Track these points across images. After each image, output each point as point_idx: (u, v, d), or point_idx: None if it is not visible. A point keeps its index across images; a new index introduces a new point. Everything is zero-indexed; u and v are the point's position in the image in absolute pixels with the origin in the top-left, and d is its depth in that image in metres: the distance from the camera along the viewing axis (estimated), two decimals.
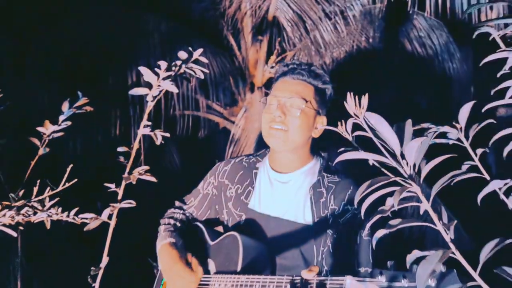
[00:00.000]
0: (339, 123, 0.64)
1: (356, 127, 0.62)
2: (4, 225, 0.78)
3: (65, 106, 1.18)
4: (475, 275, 0.54)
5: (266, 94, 3.63)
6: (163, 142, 1.19)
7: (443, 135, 0.65)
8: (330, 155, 1.49)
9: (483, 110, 0.69)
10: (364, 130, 0.60)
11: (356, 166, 1.28)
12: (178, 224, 1.51)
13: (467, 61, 4.50)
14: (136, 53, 3.18)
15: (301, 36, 3.89)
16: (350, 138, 0.62)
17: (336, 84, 1.45)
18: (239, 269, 1.24)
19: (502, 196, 0.66)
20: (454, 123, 0.63)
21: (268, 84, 4.00)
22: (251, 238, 1.31)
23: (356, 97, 0.62)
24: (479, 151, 0.63)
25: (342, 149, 0.63)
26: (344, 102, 0.63)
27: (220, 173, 1.53)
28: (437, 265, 0.54)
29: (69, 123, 1.18)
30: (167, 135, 1.17)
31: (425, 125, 0.63)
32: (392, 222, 0.58)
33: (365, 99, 0.61)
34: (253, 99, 3.66)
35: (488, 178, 0.63)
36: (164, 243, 1.41)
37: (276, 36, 3.95)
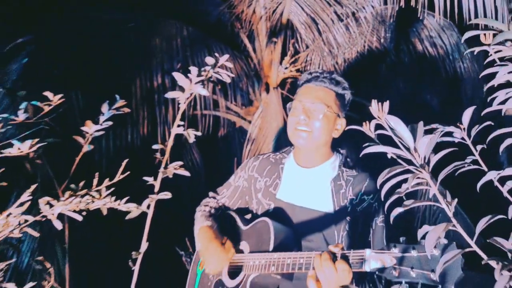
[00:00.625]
0: (364, 123, 0.78)
1: (376, 126, 0.75)
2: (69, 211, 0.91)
3: (104, 107, 1.29)
4: (471, 243, 0.67)
5: (281, 95, 3.74)
6: (195, 140, 1.30)
7: (450, 134, 0.78)
8: (348, 152, 1.66)
9: (482, 114, 0.82)
10: (384, 129, 0.73)
11: (370, 162, 1.42)
12: (213, 211, 1.69)
13: (478, 61, 4.55)
14: (161, 57, 3.34)
15: (314, 38, 3.99)
16: (373, 136, 0.76)
17: (348, 83, 1.61)
18: (271, 249, 1.40)
19: (496, 183, 0.78)
20: (458, 124, 0.76)
21: (283, 85, 4.12)
22: (280, 223, 1.47)
23: (379, 103, 0.74)
24: (479, 147, 0.76)
25: (366, 144, 0.76)
26: (370, 107, 0.76)
27: (250, 167, 1.71)
28: (441, 234, 0.67)
29: (110, 123, 1.30)
30: (199, 133, 1.29)
31: (434, 125, 0.76)
32: (407, 202, 0.71)
33: (386, 105, 0.74)
34: (269, 99, 3.78)
35: (486, 170, 0.75)
36: (201, 226, 1.60)
37: (290, 38, 4.06)
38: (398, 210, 0.72)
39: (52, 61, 2.91)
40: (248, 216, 1.64)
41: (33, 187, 0.88)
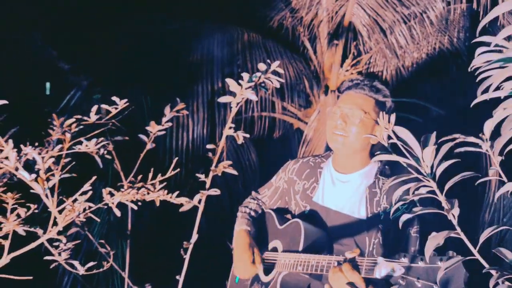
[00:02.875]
0: (378, 132, 0.81)
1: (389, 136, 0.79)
2: (127, 201, 1.05)
3: (167, 110, 1.43)
4: (474, 251, 0.69)
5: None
6: (244, 142, 1.41)
7: (473, 144, 0.79)
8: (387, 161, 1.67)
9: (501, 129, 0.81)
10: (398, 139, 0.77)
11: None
12: (253, 213, 1.79)
13: None
14: (222, 61, 3.51)
15: (377, 40, 3.92)
16: (386, 144, 0.79)
17: (415, 87, 1.60)
18: (300, 249, 1.48)
19: None
20: (480, 134, 0.77)
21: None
22: (312, 225, 1.54)
23: (386, 116, 0.78)
24: (498, 158, 0.76)
25: (378, 152, 0.80)
26: (377, 119, 0.80)
27: (290, 170, 1.78)
28: (441, 240, 0.69)
29: (170, 124, 1.44)
30: (247, 135, 1.38)
31: (456, 135, 0.78)
32: (415, 209, 0.74)
33: (393, 117, 0.77)
34: (327, 102, 3.78)
35: (506, 180, 0.75)
36: (240, 229, 1.71)
37: (352, 40, 4.02)
38: (406, 216, 0.75)
39: (124, 69, 3.19)
40: (286, 216, 1.72)
41: (94, 178, 1.02)
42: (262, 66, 1.37)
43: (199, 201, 1.29)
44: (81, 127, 1.08)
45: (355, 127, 1.55)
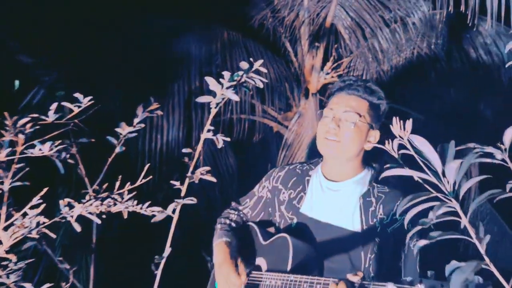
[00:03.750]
0: (386, 142, 0.71)
1: (402, 145, 0.69)
2: (90, 213, 0.92)
3: (139, 110, 1.32)
4: (507, 286, 0.59)
5: (321, 101, 3.67)
6: (223, 145, 1.30)
7: (489, 155, 0.70)
8: (381, 167, 1.56)
9: None
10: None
11: (403, 177, 1.33)
12: (233, 224, 1.63)
13: None
14: (200, 61, 3.38)
15: (359, 43, 3.88)
16: (396, 156, 0.69)
17: (394, 92, 1.51)
18: (289, 268, 1.34)
19: None
20: (499, 144, 0.68)
21: (323, 91, 4.03)
22: (301, 240, 1.40)
23: (400, 121, 0.68)
24: None
25: (387, 165, 0.70)
26: (390, 125, 0.70)
27: (275, 178, 1.63)
28: (470, 274, 0.60)
29: (142, 125, 1.32)
30: (228, 139, 1.28)
31: (471, 145, 0.69)
32: (433, 233, 0.64)
33: (409, 123, 0.67)
34: (307, 105, 3.72)
35: None
36: (220, 241, 1.54)
37: (333, 42, 3.97)
38: (423, 242, 0.65)
39: (94, 65, 3.01)
40: (270, 230, 1.58)
41: (45, 190, 0.89)
42: (244, 65, 1.29)
43: (173, 211, 1.20)
44: (37, 127, 0.94)
45: (349, 131, 1.44)
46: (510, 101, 4.39)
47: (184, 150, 1.25)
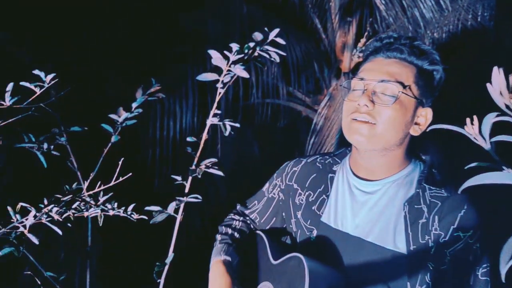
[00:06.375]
0: (467, 120, 0.45)
1: (497, 128, 0.43)
2: (52, 221, 0.75)
3: (138, 93, 1.19)
4: None
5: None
6: (232, 133, 1.14)
7: None
8: (435, 160, 1.19)
9: None
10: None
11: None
12: (236, 234, 1.33)
13: None
14: (216, 38, 3.17)
15: (396, 16, 3.60)
16: (486, 146, 0.44)
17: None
18: None
19: None
20: None
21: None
22: (321, 264, 1.09)
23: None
24: None
25: (472, 164, 0.44)
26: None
27: (289, 174, 1.31)
28: None
29: (140, 110, 1.19)
30: (237, 125, 1.12)
31: None
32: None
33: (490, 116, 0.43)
34: (339, 86, 3.50)
35: None
36: (217, 259, 1.25)
37: (368, 16, 3.70)
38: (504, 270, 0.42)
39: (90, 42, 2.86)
40: (283, 244, 1.29)
41: None
42: (257, 36, 1.09)
43: (176, 211, 1.06)
44: None
45: (388, 110, 1.07)
46: None
47: (189, 139, 1.12)
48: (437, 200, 1.08)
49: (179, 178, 1.08)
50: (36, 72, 0.83)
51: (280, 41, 1.11)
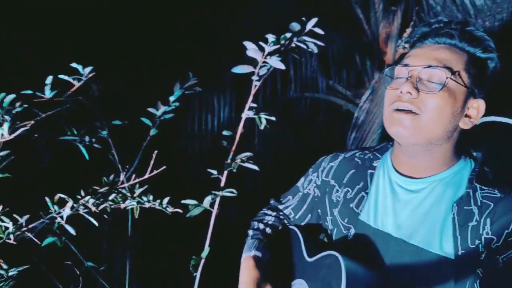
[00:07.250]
0: None
1: None
2: (89, 212, 0.77)
3: (176, 86, 1.23)
4: None
5: None
6: (268, 126, 1.15)
7: None
8: (488, 157, 1.10)
9: None
10: None
11: None
12: (269, 230, 1.31)
13: None
14: (250, 30, 3.17)
15: (445, 4, 3.46)
16: None
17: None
18: None
19: None
20: None
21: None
22: (358, 264, 1.04)
23: None
24: None
25: None
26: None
27: (325, 170, 1.26)
28: None
29: (177, 104, 1.22)
30: (273, 119, 1.13)
31: None
32: None
33: None
34: (382, 79, 3.41)
35: None
36: (248, 255, 1.22)
37: (414, 5, 3.58)
38: None
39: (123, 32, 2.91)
40: (319, 241, 1.26)
41: None
42: (295, 26, 1.06)
43: (212, 205, 1.08)
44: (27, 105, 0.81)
45: (435, 97, 0.98)
46: None
47: (224, 133, 1.14)
48: (490, 201, 1.00)
49: (214, 172, 1.05)
50: (74, 65, 0.85)
51: (319, 31, 1.10)
